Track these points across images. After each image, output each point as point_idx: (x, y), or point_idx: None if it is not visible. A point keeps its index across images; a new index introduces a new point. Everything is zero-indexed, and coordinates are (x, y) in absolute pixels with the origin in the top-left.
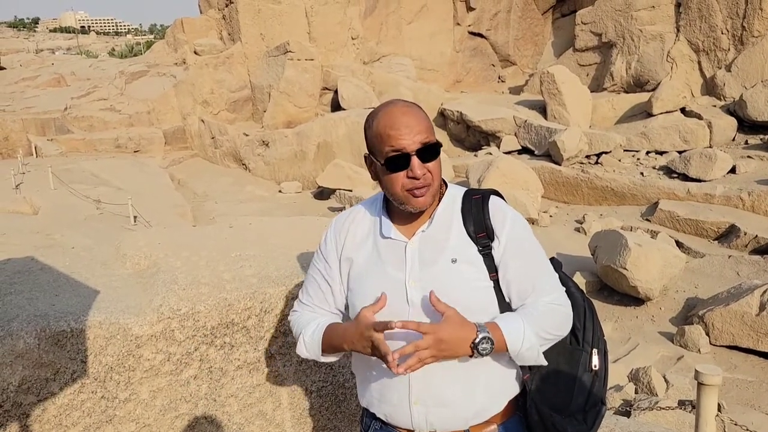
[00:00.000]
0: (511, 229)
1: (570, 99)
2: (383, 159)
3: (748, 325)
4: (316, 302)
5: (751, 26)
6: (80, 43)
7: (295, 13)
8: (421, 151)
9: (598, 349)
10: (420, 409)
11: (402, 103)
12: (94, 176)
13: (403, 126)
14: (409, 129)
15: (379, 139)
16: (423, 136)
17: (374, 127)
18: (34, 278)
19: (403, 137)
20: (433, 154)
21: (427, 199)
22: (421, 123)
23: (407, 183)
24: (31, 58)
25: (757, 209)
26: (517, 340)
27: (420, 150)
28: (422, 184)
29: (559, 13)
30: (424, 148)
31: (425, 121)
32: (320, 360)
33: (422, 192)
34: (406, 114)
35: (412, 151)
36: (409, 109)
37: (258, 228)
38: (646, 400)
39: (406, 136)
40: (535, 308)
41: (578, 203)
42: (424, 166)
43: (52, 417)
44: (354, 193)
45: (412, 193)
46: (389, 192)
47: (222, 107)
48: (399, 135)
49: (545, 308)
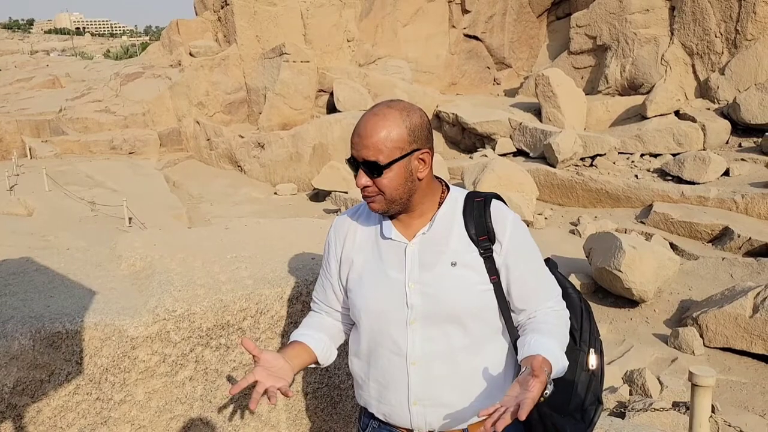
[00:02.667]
0: (512, 232)
1: (565, 101)
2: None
3: (741, 327)
4: (321, 299)
5: (744, 30)
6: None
7: (290, 15)
8: (365, 164)
9: (594, 348)
10: (419, 410)
11: (377, 108)
12: (88, 178)
13: (357, 134)
14: (360, 139)
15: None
16: (369, 152)
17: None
18: (29, 279)
19: (354, 145)
20: (374, 172)
21: (378, 206)
22: (374, 136)
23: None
24: (26, 60)
25: (751, 212)
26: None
27: (363, 162)
28: (365, 194)
29: (554, 16)
30: (365, 162)
31: (386, 134)
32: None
33: (370, 200)
34: (368, 122)
35: (360, 161)
36: (379, 118)
37: (254, 230)
38: (641, 401)
39: (356, 145)
40: (551, 323)
41: (573, 205)
42: (371, 180)
43: (47, 419)
44: (349, 195)
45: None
46: None
47: (217, 109)
48: (353, 142)
49: (557, 320)
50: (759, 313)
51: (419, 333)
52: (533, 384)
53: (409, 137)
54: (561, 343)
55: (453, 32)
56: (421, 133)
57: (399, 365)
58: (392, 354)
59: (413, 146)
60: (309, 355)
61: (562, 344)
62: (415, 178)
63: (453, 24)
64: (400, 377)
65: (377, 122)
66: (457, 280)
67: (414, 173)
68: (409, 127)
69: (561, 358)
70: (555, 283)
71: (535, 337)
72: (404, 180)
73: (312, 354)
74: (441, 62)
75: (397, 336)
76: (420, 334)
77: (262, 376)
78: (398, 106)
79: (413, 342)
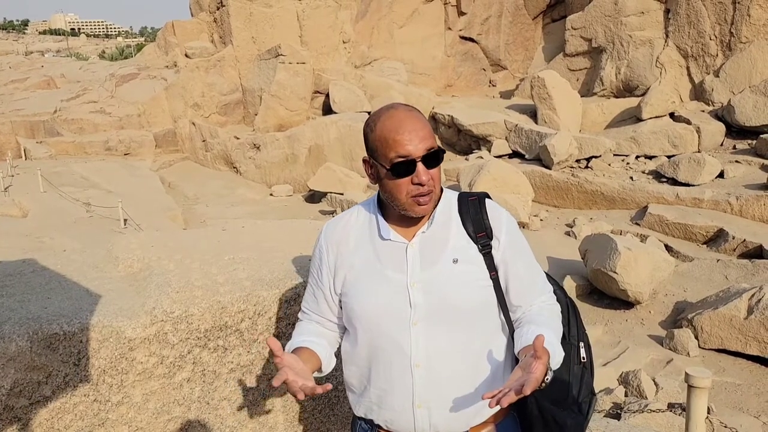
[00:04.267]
0: (508, 229)
1: (560, 103)
2: (388, 164)
3: (736, 328)
4: (313, 309)
5: (739, 32)
6: (70, 46)
7: (286, 17)
8: (426, 157)
9: (583, 342)
10: (423, 412)
11: (404, 107)
12: (83, 179)
13: (408, 131)
14: (414, 134)
15: (383, 144)
16: (428, 143)
17: (377, 131)
18: (26, 281)
19: (408, 143)
20: (437, 160)
21: (429, 206)
22: (425, 128)
23: (412, 189)
24: (21, 60)
25: (745, 213)
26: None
27: (425, 156)
28: (427, 191)
29: (550, 18)
30: (429, 154)
31: (428, 126)
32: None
33: (426, 200)
34: (410, 119)
35: (417, 157)
36: (413, 114)
37: (251, 231)
38: (636, 403)
39: (411, 141)
40: (547, 316)
41: (568, 207)
42: (428, 173)
43: (44, 420)
44: (345, 197)
45: (417, 200)
46: (392, 197)
47: (213, 110)
48: (404, 140)
49: (551, 313)
50: (753, 314)
51: (423, 333)
52: (536, 365)
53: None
54: (557, 335)
55: (449, 34)
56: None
57: (402, 368)
58: (395, 357)
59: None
60: (316, 361)
61: (558, 335)
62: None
63: (449, 26)
64: (404, 380)
65: (416, 116)
66: (460, 277)
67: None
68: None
69: (558, 348)
70: (546, 278)
71: (532, 328)
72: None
73: (318, 360)
74: (437, 64)
75: (399, 338)
76: (424, 335)
77: (292, 375)
78: (414, 108)
79: (417, 343)
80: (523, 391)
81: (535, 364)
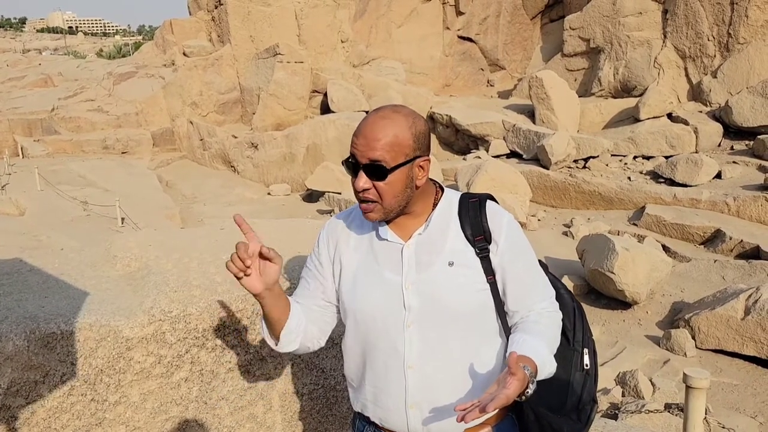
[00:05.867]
0: (508, 233)
1: (558, 104)
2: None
3: (733, 329)
4: (301, 293)
5: (736, 33)
6: (68, 44)
7: (284, 16)
8: (368, 167)
9: (588, 348)
10: (416, 413)
11: (384, 112)
12: (81, 177)
13: (363, 136)
14: (365, 140)
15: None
16: (375, 153)
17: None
18: (23, 280)
19: (357, 146)
20: (378, 175)
21: (374, 215)
22: (383, 138)
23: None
24: (18, 59)
25: (743, 214)
26: (544, 369)
27: (366, 165)
28: (364, 198)
29: (548, 18)
30: (369, 165)
31: (393, 138)
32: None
33: (366, 207)
34: (375, 125)
35: (361, 163)
36: (385, 121)
37: None
38: (633, 403)
39: (360, 146)
40: (543, 324)
41: (566, 207)
42: (371, 182)
43: (41, 420)
44: (343, 196)
45: (360, 204)
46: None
47: (211, 109)
48: (356, 143)
49: (549, 321)
50: (750, 315)
51: (416, 335)
52: (510, 381)
53: (414, 143)
54: (550, 345)
55: (447, 34)
56: (424, 140)
57: (396, 368)
58: (388, 357)
59: (416, 153)
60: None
61: (552, 346)
62: (414, 186)
63: (447, 25)
64: (397, 381)
65: (386, 125)
66: (455, 280)
67: (413, 180)
68: (414, 133)
69: (549, 359)
70: (549, 284)
71: (523, 337)
72: (404, 186)
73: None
74: (435, 63)
75: (393, 339)
76: (417, 337)
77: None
78: (404, 112)
79: (410, 345)
80: (486, 408)
81: (510, 380)
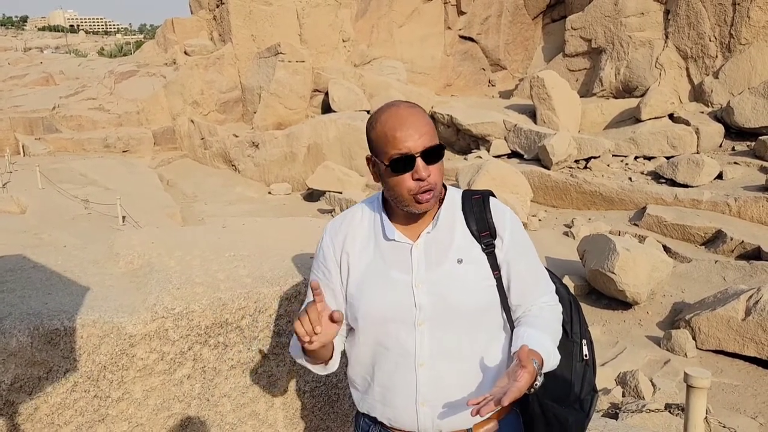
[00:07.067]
0: (512, 228)
1: (559, 104)
2: (387, 161)
3: (734, 329)
4: None
5: (738, 34)
6: (69, 42)
7: (286, 15)
8: (425, 153)
9: (586, 339)
10: (427, 411)
11: (405, 104)
12: (82, 176)
13: (407, 127)
14: (413, 130)
15: (384, 141)
16: (426, 138)
17: (378, 128)
18: (27, 276)
19: (407, 139)
20: (436, 156)
21: (431, 203)
22: (425, 125)
23: (413, 186)
24: (20, 57)
25: (744, 215)
26: (549, 361)
27: (424, 152)
28: (428, 187)
29: (549, 18)
30: (428, 150)
31: (429, 122)
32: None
33: (426, 196)
34: (411, 115)
35: (416, 153)
36: (413, 111)
37: (251, 228)
38: (634, 403)
39: (410, 137)
40: (546, 318)
41: (567, 207)
42: (428, 168)
43: (44, 416)
44: (344, 196)
45: (416, 197)
46: (394, 194)
47: (212, 108)
48: (403, 136)
49: (551, 315)
50: (751, 315)
51: (427, 334)
52: (521, 374)
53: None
54: (554, 338)
55: (448, 33)
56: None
57: (406, 367)
58: (399, 356)
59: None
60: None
61: (555, 339)
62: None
63: (448, 25)
64: (408, 379)
65: (418, 113)
66: (465, 277)
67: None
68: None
69: (553, 352)
70: (549, 278)
71: (528, 331)
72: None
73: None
74: (436, 63)
75: (404, 338)
76: (428, 335)
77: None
78: (416, 105)
79: (421, 343)
80: (502, 402)
81: (521, 372)
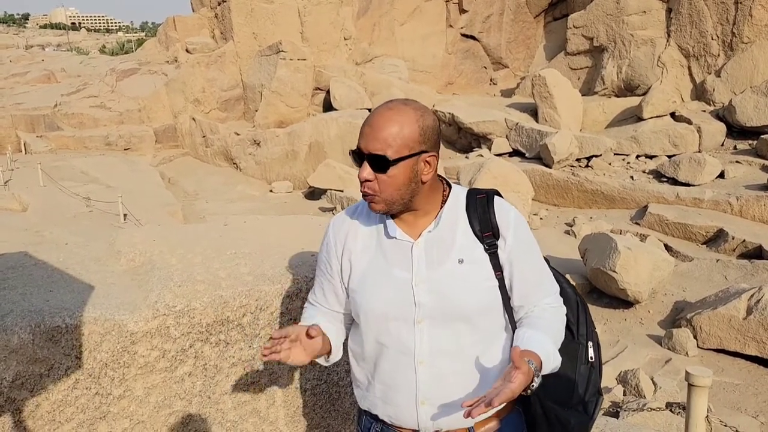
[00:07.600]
0: (516, 228)
1: (561, 102)
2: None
3: (735, 328)
4: (320, 301)
5: (740, 32)
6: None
7: (287, 13)
8: (372, 158)
9: (592, 342)
10: (427, 409)
11: (393, 104)
12: (83, 174)
13: (371, 127)
14: (371, 131)
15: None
16: (378, 145)
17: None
18: (28, 274)
19: (365, 137)
20: (380, 168)
21: (376, 206)
22: (389, 133)
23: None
24: (21, 55)
25: (745, 214)
26: (548, 363)
27: (369, 156)
28: (367, 191)
29: (551, 16)
30: (371, 156)
31: (399, 133)
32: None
33: (369, 198)
34: (385, 119)
35: (366, 153)
36: (392, 115)
37: (253, 226)
38: (635, 402)
39: (367, 136)
40: (547, 319)
41: (568, 206)
42: (373, 174)
43: (45, 413)
44: (345, 194)
45: (363, 194)
46: None
47: (213, 106)
48: (364, 132)
49: (553, 316)
50: (752, 315)
51: (427, 332)
52: (515, 375)
53: (420, 137)
54: (555, 340)
55: (450, 32)
56: (432, 135)
57: (406, 365)
58: (399, 354)
59: (422, 147)
60: (327, 343)
61: (556, 341)
62: (419, 180)
63: (450, 23)
64: (408, 377)
65: (391, 116)
66: (465, 277)
67: (419, 175)
68: (421, 127)
69: (553, 353)
70: (553, 279)
71: (528, 332)
72: (408, 180)
73: (329, 343)
74: (438, 62)
75: (404, 335)
76: (428, 333)
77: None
78: (414, 105)
79: (421, 341)
80: (492, 403)
81: (515, 373)
